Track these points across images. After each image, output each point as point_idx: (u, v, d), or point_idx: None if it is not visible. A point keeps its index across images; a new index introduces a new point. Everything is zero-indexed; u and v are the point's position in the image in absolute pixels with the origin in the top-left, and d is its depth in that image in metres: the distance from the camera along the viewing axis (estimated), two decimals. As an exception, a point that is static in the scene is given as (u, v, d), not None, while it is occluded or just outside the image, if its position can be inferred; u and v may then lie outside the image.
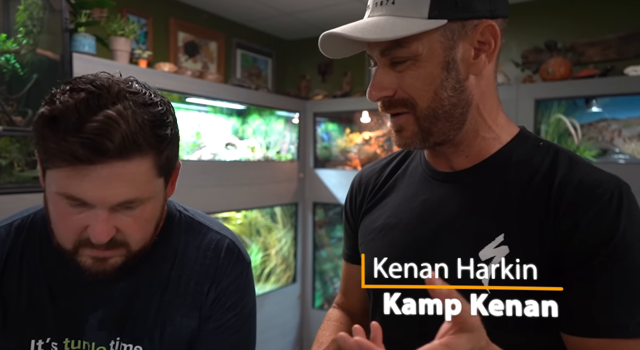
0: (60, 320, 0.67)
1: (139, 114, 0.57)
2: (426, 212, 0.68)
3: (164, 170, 0.63)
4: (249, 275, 0.76)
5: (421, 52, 0.60)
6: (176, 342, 0.70)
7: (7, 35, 1.74)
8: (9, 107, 1.72)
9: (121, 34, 2.00)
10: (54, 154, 0.55)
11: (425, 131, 0.64)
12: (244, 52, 3.22)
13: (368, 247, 0.74)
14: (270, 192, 2.93)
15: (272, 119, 3.20)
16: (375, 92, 0.63)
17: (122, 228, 0.60)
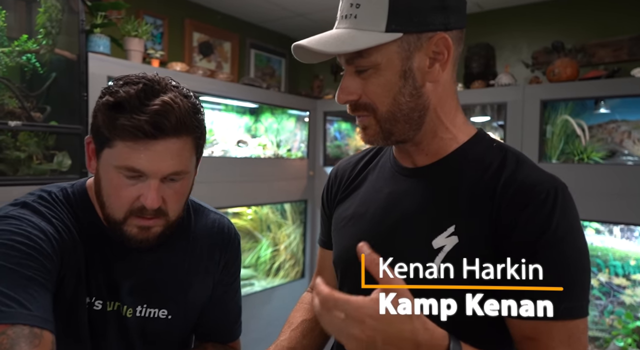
0: (103, 283, 0.76)
1: (184, 101, 0.70)
2: (390, 203, 0.74)
3: (198, 151, 0.76)
4: (240, 249, 0.92)
5: (380, 61, 0.66)
6: (195, 305, 0.84)
7: (28, 36, 1.86)
8: (28, 103, 1.84)
9: (135, 34, 2.10)
10: (123, 130, 0.67)
11: (387, 131, 0.70)
12: (257, 52, 3.30)
13: (340, 233, 0.81)
14: (280, 189, 2.99)
15: (284, 117, 3.27)
16: (342, 95, 0.69)
17: (166, 199, 0.71)
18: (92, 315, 0.75)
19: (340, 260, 0.79)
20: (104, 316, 0.76)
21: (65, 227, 0.72)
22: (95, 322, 0.75)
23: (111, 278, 0.77)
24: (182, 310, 0.82)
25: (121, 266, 0.78)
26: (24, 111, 1.81)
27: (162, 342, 0.81)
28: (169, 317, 0.80)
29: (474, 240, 0.65)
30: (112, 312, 0.76)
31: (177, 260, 0.82)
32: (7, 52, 1.79)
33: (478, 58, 2.86)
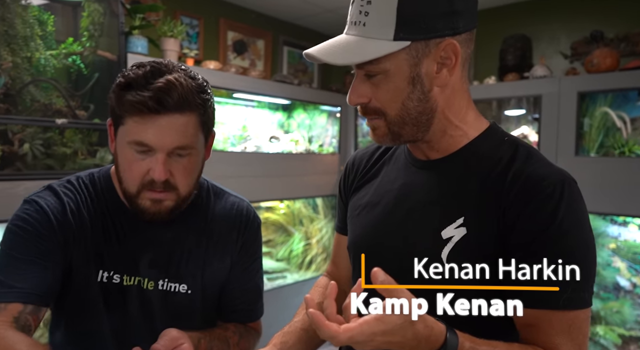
0: (120, 257, 0.82)
1: (189, 81, 0.75)
2: (402, 193, 0.77)
3: (204, 128, 0.80)
4: (260, 231, 0.96)
5: (389, 68, 0.67)
6: (214, 283, 0.88)
7: (73, 39, 1.99)
8: (73, 102, 1.97)
9: (170, 35, 2.19)
10: (130, 105, 0.73)
11: (395, 133, 0.71)
12: (290, 49, 3.35)
13: (354, 221, 0.84)
14: (312, 183, 3.04)
15: (316, 113, 3.31)
16: (353, 98, 0.71)
17: (174, 173, 0.77)
18: (110, 289, 0.81)
19: (354, 246, 0.82)
20: (123, 290, 0.82)
21: (75, 208, 0.80)
22: (114, 295, 0.81)
23: (129, 253, 0.83)
24: (201, 286, 0.86)
25: (140, 242, 0.83)
26: (69, 110, 1.94)
27: (183, 316, 0.85)
28: (188, 291, 0.85)
29: (482, 232, 0.66)
30: (132, 286, 0.82)
31: (195, 239, 0.87)
32: (55, 55, 1.92)
33: (514, 50, 2.78)
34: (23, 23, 1.78)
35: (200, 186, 0.91)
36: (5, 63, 1.74)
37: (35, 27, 1.83)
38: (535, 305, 0.63)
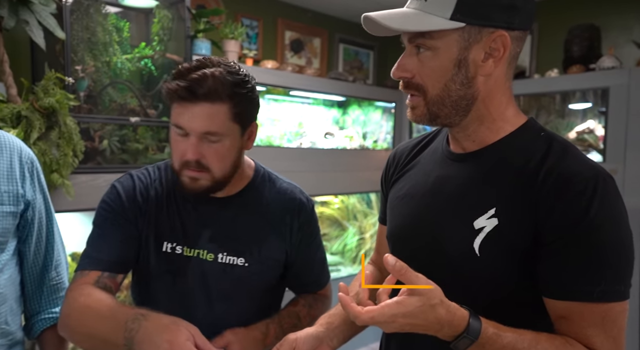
0: (182, 231, 0.93)
1: (224, 75, 0.84)
2: (437, 185, 0.79)
3: (238, 118, 0.87)
4: (316, 214, 1.06)
5: (439, 46, 0.69)
6: (269, 260, 0.97)
7: (145, 43, 2.16)
8: (145, 102, 2.14)
9: (231, 37, 2.32)
10: (168, 93, 0.84)
11: (433, 114, 0.74)
12: (346, 46, 3.39)
13: (392, 212, 0.88)
14: (366, 179, 3.07)
15: (371, 109, 3.33)
16: (397, 71, 0.74)
17: (206, 155, 0.85)
18: (174, 258, 0.92)
19: (392, 236, 0.86)
20: (185, 260, 0.92)
21: (145, 189, 0.95)
22: (176, 264, 0.92)
23: (191, 228, 0.93)
24: (257, 261, 0.95)
25: (201, 218, 0.94)
26: (142, 109, 2.12)
27: (240, 287, 0.94)
28: (246, 264, 0.93)
29: (513, 223, 0.68)
30: (193, 257, 0.92)
31: (251, 219, 0.96)
32: (130, 59, 2.10)
33: (580, 40, 2.65)
34: (103, 31, 1.96)
35: (256, 172, 1.01)
36: (89, 68, 1.94)
37: (113, 33, 2.02)
38: (568, 298, 0.64)
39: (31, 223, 0.98)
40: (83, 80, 1.91)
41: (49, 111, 1.65)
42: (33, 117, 1.62)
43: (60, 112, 1.66)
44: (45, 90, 1.67)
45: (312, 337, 0.82)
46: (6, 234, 0.92)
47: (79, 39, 1.89)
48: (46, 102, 1.63)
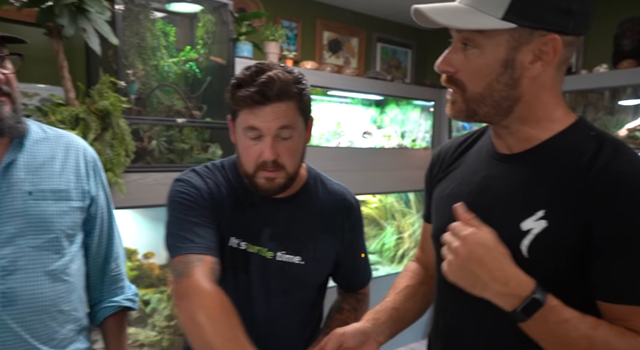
0: (246, 228, 0.97)
1: (286, 75, 0.89)
2: (484, 186, 0.79)
3: (302, 112, 0.93)
4: (361, 211, 1.10)
5: (487, 45, 0.68)
6: (324, 258, 1.02)
7: (190, 47, 2.24)
8: (190, 104, 2.22)
9: (272, 39, 2.37)
10: (241, 100, 0.88)
11: (471, 111, 0.73)
12: (383, 45, 3.39)
13: (437, 211, 0.88)
14: (404, 178, 3.06)
15: (409, 108, 3.31)
16: (441, 65, 0.73)
17: (280, 153, 0.90)
18: (238, 254, 0.96)
19: (437, 235, 0.86)
20: (247, 256, 0.96)
21: (215, 185, 0.97)
22: (240, 259, 0.96)
23: (253, 225, 0.97)
24: (313, 260, 0.99)
25: (262, 217, 0.98)
26: (187, 110, 2.20)
27: (296, 285, 0.99)
28: (302, 263, 0.98)
29: (563, 225, 0.67)
30: (255, 254, 0.97)
31: (307, 219, 1.00)
32: (176, 62, 2.19)
33: (631, 34, 2.54)
34: (152, 36, 2.05)
35: (309, 173, 1.05)
36: (139, 71, 2.03)
37: (160, 38, 2.11)
38: (623, 301, 0.63)
39: (94, 218, 1.05)
40: (134, 84, 2.01)
41: (103, 113, 1.74)
42: (89, 119, 1.71)
43: (114, 114, 1.75)
44: (100, 93, 1.77)
45: (359, 332, 0.84)
46: (75, 227, 0.99)
47: (130, 45, 1.98)
48: (101, 105, 1.73)
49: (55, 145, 1.00)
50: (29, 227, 0.91)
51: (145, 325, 2.25)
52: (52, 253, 0.94)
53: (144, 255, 2.33)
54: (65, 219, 0.96)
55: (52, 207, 0.94)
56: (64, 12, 1.53)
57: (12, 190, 0.90)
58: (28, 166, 0.94)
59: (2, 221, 0.88)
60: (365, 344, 0.84)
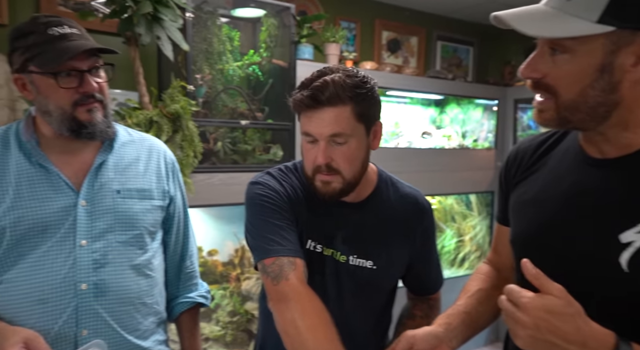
0: (321, 231, 0.98)
1: (344, 79, 0.87)
2: (573, 193, 0.73)
3: (361, 118, 0.89)
4: (433, 214, 1.09)
5: (580, 50, 0.62)
6: (395, 262, 1.01)
7: (254, 51, 2.30)
8: (253, 106, 2.28)
9: (332, 40, 2.38)
10: (295, 103, 0.89)
11: (564, 119, 0.68)
12: (444, 43, 3.31)
13: (518, 215, 0.83)
14: (465, 179, 2.97)
15: (470, 107, 3.21)
16: (526, 71, 0.69)
17: (335, 158, 0.89)
18: (314, 256, 0.97)
19: (517, 242, 0.83)
20: (322, 258, 0.97)
21: (292, 188, 0.98)
22: (316, 261, 0.97)
23: (327, 228, 0.98)
24: (384, 264, 0.98)
25: (335, 221, 0.98)
26: (250, 112, 2.26)
27: (368, 289, 0.99)
28: (374, 267, 0.97)
29: None
30: (329, 257, 0.97)
31: (378, 223, 0.99)
32: (240, 66, 2.26)
33: None
34: (218, 41, 2.13)
35: (380, 176, 1.04)
36: (206, 75, 2.11)
37: (226, 43, 2.18)
38: None
39: (172, 216, 1.11)
40: (201, 88, 2.09)
41: (174, 116, 1.83)
42: (162, 121, 1.81)
43: (184, 117, 1.84)
44: (172, 97, 1.86)
45: (431, 336, 0.82)
46: (156, 225, 1.05)
47: (198, 50, 2.07)
48: (172, 108, 1.82)
49: (140, 147, 1.06)
50: (117, 223, 0.97)
51: (209, 320, 2.33)
52: (137, 248, 1.00)
53: (208, 253, 2.42)
54: (148, 217, 1.02)
55: (137, 205, 1.00)
56: (142, 22, 1.62)
57: (103, 189, 0.97)
58: (116, 166, 1.00)
59: (95, 217, 0.95)
60: (437, 348, 0.82)
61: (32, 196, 0.91)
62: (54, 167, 0.94)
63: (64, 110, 0.91)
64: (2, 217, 0.89)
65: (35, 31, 0.89)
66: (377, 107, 0.94)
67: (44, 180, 0.93)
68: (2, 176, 0.91)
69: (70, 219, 0.93)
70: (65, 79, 0.89)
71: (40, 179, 0.93)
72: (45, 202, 0.92)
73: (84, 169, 0.97)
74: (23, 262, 0.90)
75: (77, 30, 0.91)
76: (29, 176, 0.92)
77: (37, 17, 0.92)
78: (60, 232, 0.92)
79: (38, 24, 0.90)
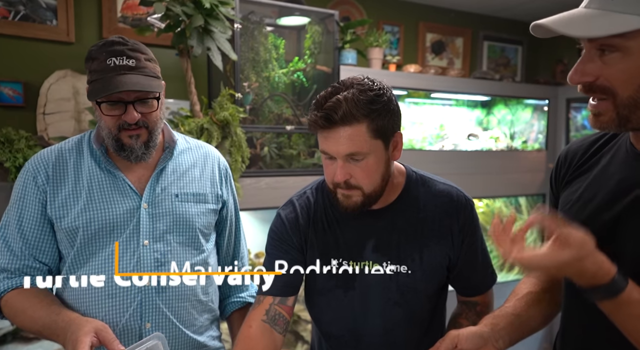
0: (347, 246, 0.98)
1: (357, 96, 0.86)
2: (620, 189, 0.72)
3: (378, 134, 0.88)
4: (476, 212, 1.04)
5: (632, 46, 0.63)
6: (433, 264, 0.98)
7: (298, 58, 2.36)
8: (298, 111, 2.34)
9: (375, 44, 2.40)
10: (312, 125, 0.89)
11: (624, 118, 0.68)
12: (490, 43, 3.24)
13: (565, 215, 0.81)
14: (514, 181, 2.89)
15: (519, 108, 3.12)
16: (576, 77, 0.68)
17: (354, 174, 0.89)
18: (341, 274, 0.98)
19: None
20: (351, 274, 0.98)
21: (307, 214, 1.01)
22: (346, 277, 0.98)
23: (354, 242, 0.98)
24: (420, 268, 0.97)
25: (361, 231, 0.98)
26: (295, 118, 2.32)
27: (410, 294, 0.97)
28: (409, 272, 0.96)
29: None
30: (360, 270, 0.98)
31: (409, 226, 0.98)
32: (285, 73, 2.32)
33: None
34: (264, 49, 2.20)
35: (408, 177, 1.02)
36: (253, 83, 2.19)
37: (272, 51, 2.25)
38: None
39: (225, 219, 1.16)
40: (248, 95, 2.17)
41: (223, 123, 1.91)
42: (212, 128, 1.89)
43: (233, 124, 1.91)
44: (221, 105, 1.94)
45: (476, 336, 0.82)
46: (210, 227, 1.11)
47: (245, 59, 2.15)
48: (222, 115, 1.90)
49: (196, 154, 1.13)
50: (175, 225, 1.04)
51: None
52: (193, 249, 1.06)
53: (255, 255, 2.49)
54: (202, 219, 1.08)
55: (193, 208, 1.07)
56: (194, 34, 1.72)
57: (163, 193, 1.04)
58: (175, 172, 1.07)
59: (156, 219, 1.02)
60: (483, 348, 0.82)
61: (102, 199, 0.99)
62: (121, 172, 1.02)
63: (110, 131, 0.98)
64: (76, 218, 0.97)
65: (98, 58, 0.95)
66: (396, 119, 0.92)
67: (112, 184, 1.01)
68: (77, 180, 1.00)
69: (134, 221, 1.00)
70: (108, 108, 0.96)
71: (109, 184, 1.01)
72: (113, 204, 1.00)
73: (146, 174, 1.05)
74: (94, 259, 0.98)
75: (133, 62, 0.95)
76: (99, 181, 1.01)
77: (105, 43, 0.97)
78: (125, 233, 0.99)
79: (102, 51, 0.96)
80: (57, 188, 1.00)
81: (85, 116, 2.01)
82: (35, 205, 0.99)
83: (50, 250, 1.00)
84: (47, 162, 1.01)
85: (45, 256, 1.00)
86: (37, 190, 0.99)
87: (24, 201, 0.99)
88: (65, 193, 0.99)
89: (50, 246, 1.00)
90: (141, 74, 0.96)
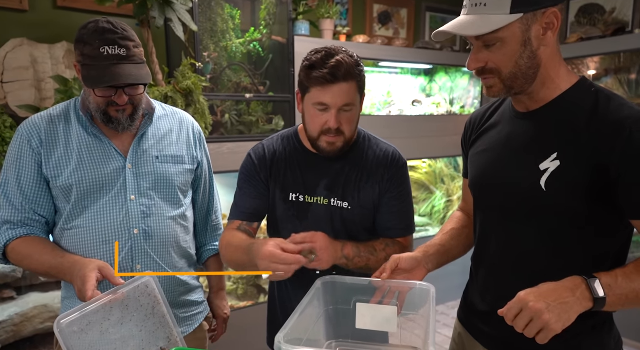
0: (304, 183, 1.19)
1: (350, 59, 1.08)
2: (508, 140, 0.99)
3: (360, 90, 1.12)
4: (407, 171, 1.25)
5: (505, 36, 0.86)
6: (366, 202, 1.20)
7: (254, 28, 2.47)
8: (255, 80, 2.47)
9: (327, 16, 2.55)
10: (315, 79, 1.07)
11: (508, 87, 0.92)
12: (432, 14, 3.46)
13: (472, 165, 1.08)
14: (453, 143, 3.19)
15: (458, 75, 3.40)
16: (473, 64, 0.91)
17: (342, 122, 1.11)
18: (298, 206, 1.20)
19: (474, 184, 1.06)
20: (307, 205, 1.20)
21: (273, 153, 1.22)
22: (302, 209, 1.19)
23: (311, 180, 1.20)
24: (357, 204, 1.19)
25: (317, 172, 1.20)
26: (253, 86, 2.45)
27: (347, 226, 1.20)
28: (349, 207, 1.18)
29: (574, 163, 0.86)
30: (312, 203, 1.19)
31: (353, 171, 1.20)
32: (242, 43, 2.43)
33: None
34: (222, 20, 2.30)
35: (359, 134, 1.24)
36: (212, 53, 2.29)
37: (228, 22, 2.35)
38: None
39: (200, 178, 1.33)
40: (208, 65, 2.28)
41: (186, 92, 2.03)
42: (176, 97, 2.00)
43: (196, 92, 2.03)
44: (183, 74, 2.05)
45: (412, 259, 1.06)
46: (187, 184, 1.27)
47: (204, 29, 2.24)
48: (185, 84, 2.01)
49: (172, 120, 1.27)
50: (156, 183, 1.19)
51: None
52: (173, 203, 1.23)
53: (218, 216, 2.66)
54: (180, 178, 1.24)
55: (172, 168, 1.22)
56: (155, 6, 1.80)
57: (145, 155, 1.19)
58: (154, 136, 1.22)
59: (140, 178, 1.17)
60: (416, 268, 1.07)
61: (91, 160, 1.13)
62: (106, 137, 1.16)
63: (99, 106, 1.10)
64: (70, 177, 1.11)
65: (90, 44, 1.05)
66: (365, 81, 1.15)
67: (99, 148, 1.15)
68: (68, 144, 1.13)
69: (121, 179, 1.15)
70: (101, 91, 1.08)
71: (97, 147, 1.14)
72: (102, 165, 1.14)
73: (129, 139, 1.18)
74: (87, 212, 1.12)
75: (124, 51, 1.05)
76: (88, 144, 1.14)
77: (96, 29, 1.05)
78: (114, 189, 1.14)
79: (94, 38, 1.05)
80: (50, 151, 1.12)
81: (45, 85, 2.05)
82: (32, 166, 1.11)
83: (48, 205, 1.14)
84: (39, 128, 1.13)
85: (43, 210, 1.13)
86: (32, 153, 1.11)
87: (20, 162, 1.11)
88: (58, 155, 1.12)
89: (47, 201, 1.13)
90: (132, 63, 1.07)
